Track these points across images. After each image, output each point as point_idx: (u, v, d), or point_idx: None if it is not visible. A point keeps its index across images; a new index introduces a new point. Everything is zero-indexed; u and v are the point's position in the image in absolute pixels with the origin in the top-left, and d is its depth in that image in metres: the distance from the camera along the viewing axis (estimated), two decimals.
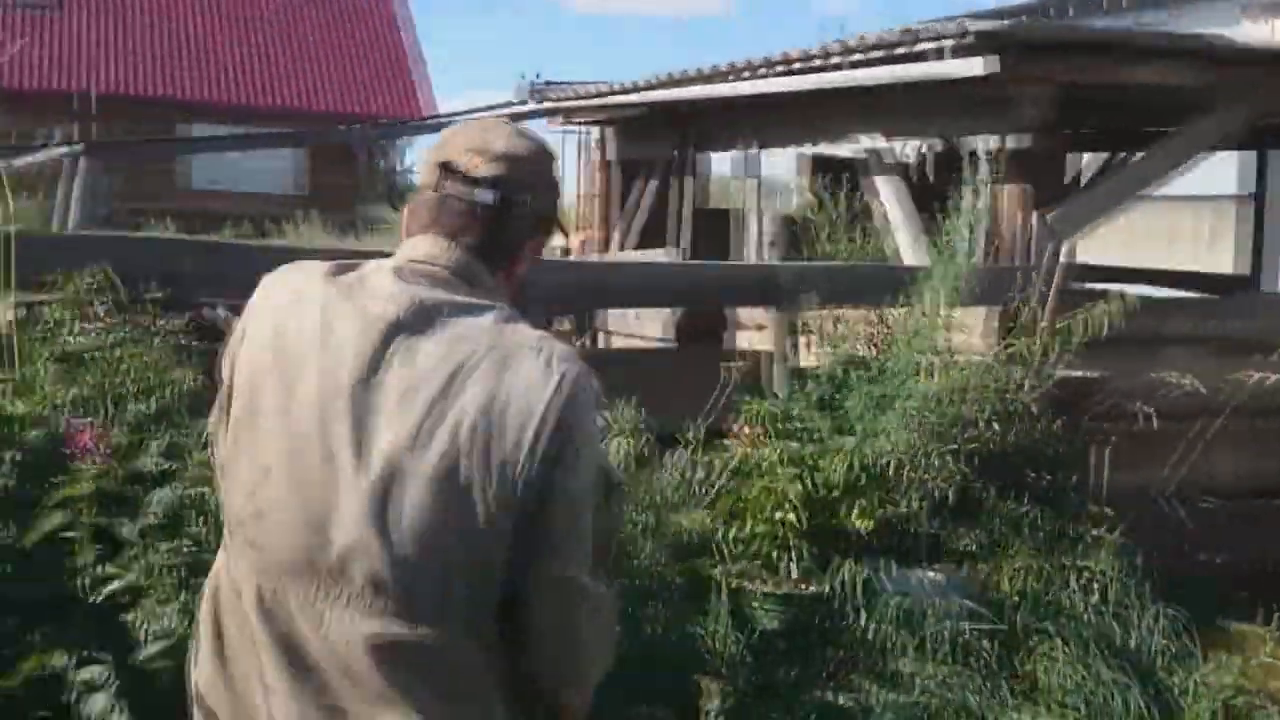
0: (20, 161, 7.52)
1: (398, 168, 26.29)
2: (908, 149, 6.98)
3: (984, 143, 6.43)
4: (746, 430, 4.43)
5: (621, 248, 8.93)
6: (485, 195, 1.68)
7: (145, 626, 2.55)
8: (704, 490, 4.11)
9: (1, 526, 2.69)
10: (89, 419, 2.74)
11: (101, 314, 2.96)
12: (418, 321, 1.59)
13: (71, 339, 2.93)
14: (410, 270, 1.65)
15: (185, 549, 2.56)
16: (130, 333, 2.94)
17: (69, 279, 2.99)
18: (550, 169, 1.79)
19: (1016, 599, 4.36)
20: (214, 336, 5.03)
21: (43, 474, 2.74)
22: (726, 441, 4.45)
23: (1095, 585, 4.38)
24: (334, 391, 1.57)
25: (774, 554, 4.34)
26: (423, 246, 1.68)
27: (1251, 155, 9.34)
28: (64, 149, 7.89)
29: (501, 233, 1.70)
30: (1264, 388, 4.93)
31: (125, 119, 21.26)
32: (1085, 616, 4.26)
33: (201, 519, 2.60)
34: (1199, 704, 4.13)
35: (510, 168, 1.70)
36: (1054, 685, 4.08)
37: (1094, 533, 4.49)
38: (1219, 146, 6.02)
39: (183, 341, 3.12)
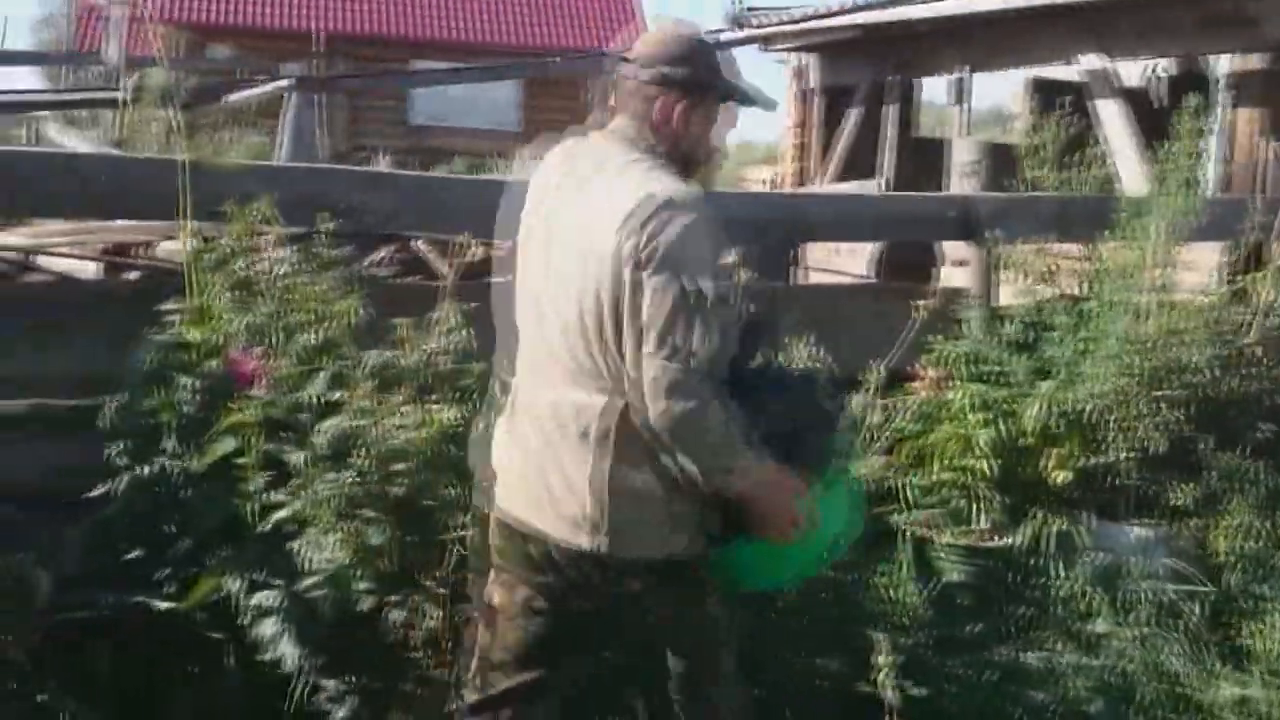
0: (235, 97, 7.87)
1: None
2: (1135, 72, 6.47)
3: (1221, 64, 5.91)
4: (932, 373, 4.21)
5: (825, 179, 8.67)
6: (627, 69, 2.42)
7: (309, 555, 2.62)
8: (881, 435, 3.93)
9: (183, 451, 2.82)
10: (254, 349, 2.83)
11: (269, 244, 3.04)
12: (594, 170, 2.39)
13: (242, 268, 3.03)
14: (599, 137, 2.46)
15: (348, 481, 2.61)
16: (299, 263, 3.01)
17: (241, 211, 3.08)
18: (691, 49, 2.43)
19: (1230, 560, 4.02)
20: (418, 269, 5.18)
21: (219, 400, 2.85)
22: (911, 384, 4.25)
23: None
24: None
25: (961, 504, 4.15)
26: (612, 120, 2.46)
27: None
28: (275, 84, 8.21)
29: (651, 100, 2.39)
30: None
31: (355, 58, 22.12)
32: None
33: (363, 451, 2.64)
34: None
35: (652, 51, 2.42)
36: (1268, 654, 3.76)
37: None
38: None
39: (355, 272, 3.18)
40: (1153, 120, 5.88)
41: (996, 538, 4.14)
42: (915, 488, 4.19)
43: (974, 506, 4.10)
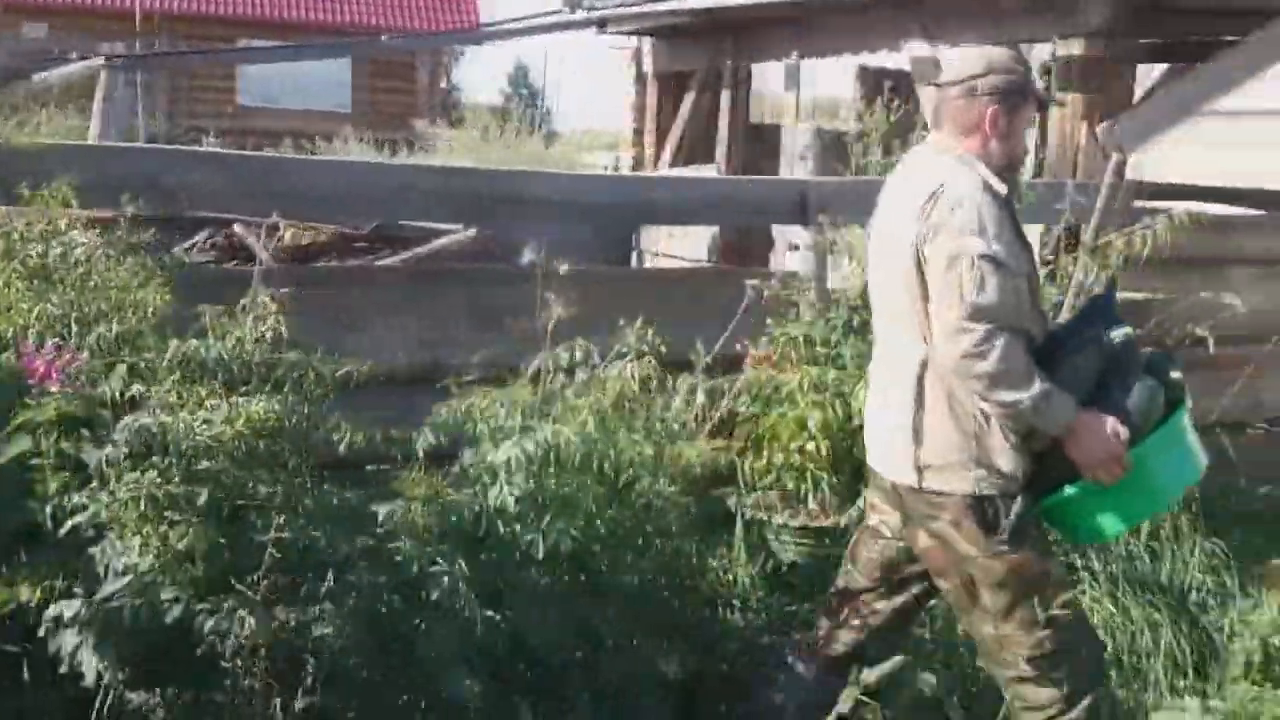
0: (44, 76, 7.44)
1: (446, 84, 26.00)
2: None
3: (1045, 51, 6.09)
4: (764, 355, 4.24)
5: (663, 164, 8.69)
6: (943, 89, 2.90)
7: (110, 561, 2.46)
8: (710, 417, 3.94)
9: None
10: (50, 341, 2.64)
11: (63, 227, 2.84)
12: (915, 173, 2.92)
13: (35, 254, 2.83)
14: (923, 148, 3.01)
15: (151, 481, 2.46)
16: (100, 249, 2.82)
17: (37, 193, 2.87)
18: (990, 62, 2.86)
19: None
20: (246, 256, 4.97)
21: (11, 398, 2.66)
22: (747, 367, 4.28)
23: None
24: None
25: (797, 485, 4.19)
26: (932, 134, 2.97)
27: None
28: (86, 62, 7.79)
29: (953, 112, 2.87)
30: None
31: (180, 37, 21.22)
32: (1117, 551, 4.06)
33: (166, 449, 2.49)
34: (1236, 643, 3.93)
35: (953, 69, 2.90)
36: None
37: None
38: None
39: (162, 258, 3.00)
40: None
41: (829, 517, 4.21)
42: (752, 470, 4.23)
43: (807, 487, 4.16)
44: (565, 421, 3.07)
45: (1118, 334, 2.86)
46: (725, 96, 8.40)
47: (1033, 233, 4.75)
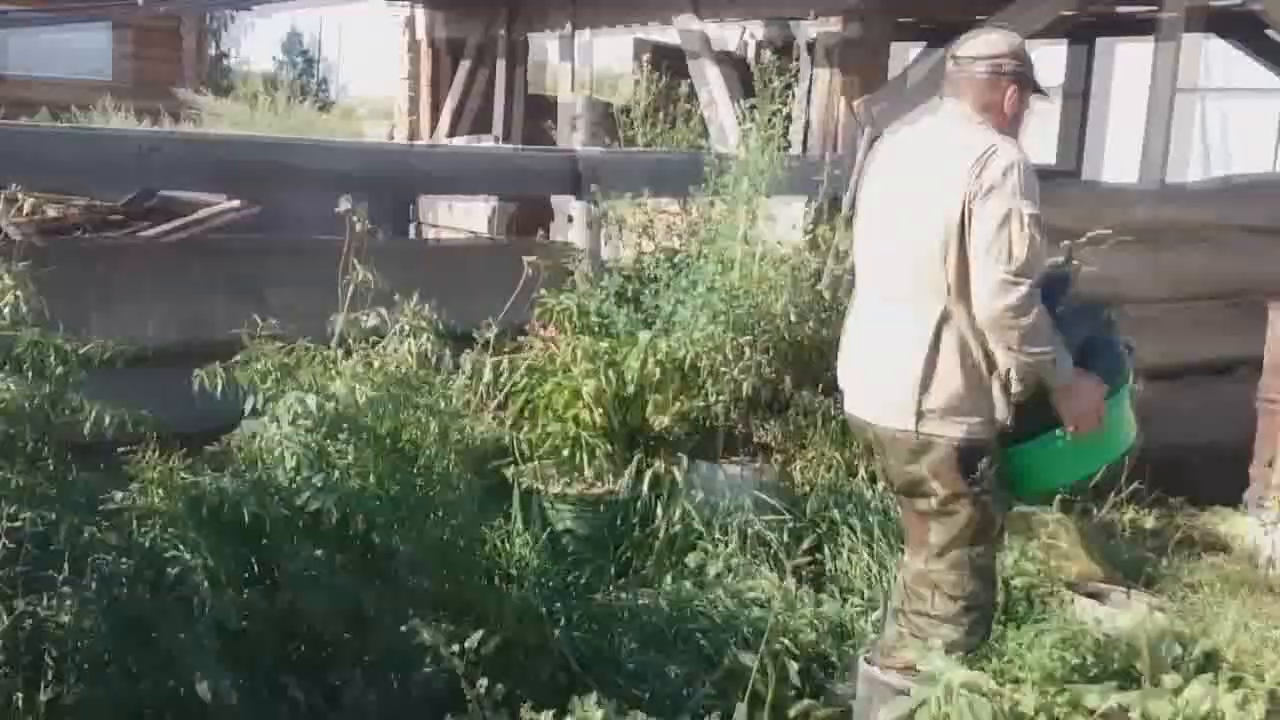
0: None
1: (216, 51, 24.82)
2: (731, 34, 6.82)
3: (809, 30, 6.29)
4: (544, 327, 4.29)
5: (438, 135, 8.59)
6: (964, 64, 3.08)
7: None
8: (495, 391, 3.97)
9: None
10: None
11: None
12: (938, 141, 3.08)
13: None
14: (935, 120, 3.14)
15: None
16: None
17: None
18: (1013, 48, 3.09)
19: (819, 491, 4.37)
20: None
21: None
22: (527, 339, 4.32)
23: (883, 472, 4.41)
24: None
25: (572, 454, 4.26)
26: (947, 101, 3.11)
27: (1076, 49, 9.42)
28: None
29: (978, 86, 3.04)
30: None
31: None
32: (873, 503, 4.29)
33: None
34: None
35: (975, 50, 3.08)
36: (839, 571, 4.13)
37: None
38: (1043, 35, 5.99)
39: None
40: (750, 83, 6.20)
41: (604, 485, 4.30)
42: (528, 440, 4.27)
43: (582, 456, 4.23)
44: (345, 395, 3.03)
45: (1096, 312, 3.22)
46: (502, 67, 8.35)
47: (793, 205, 4.97)
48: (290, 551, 2.92)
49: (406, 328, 3.31)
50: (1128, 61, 6.47)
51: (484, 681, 2.65)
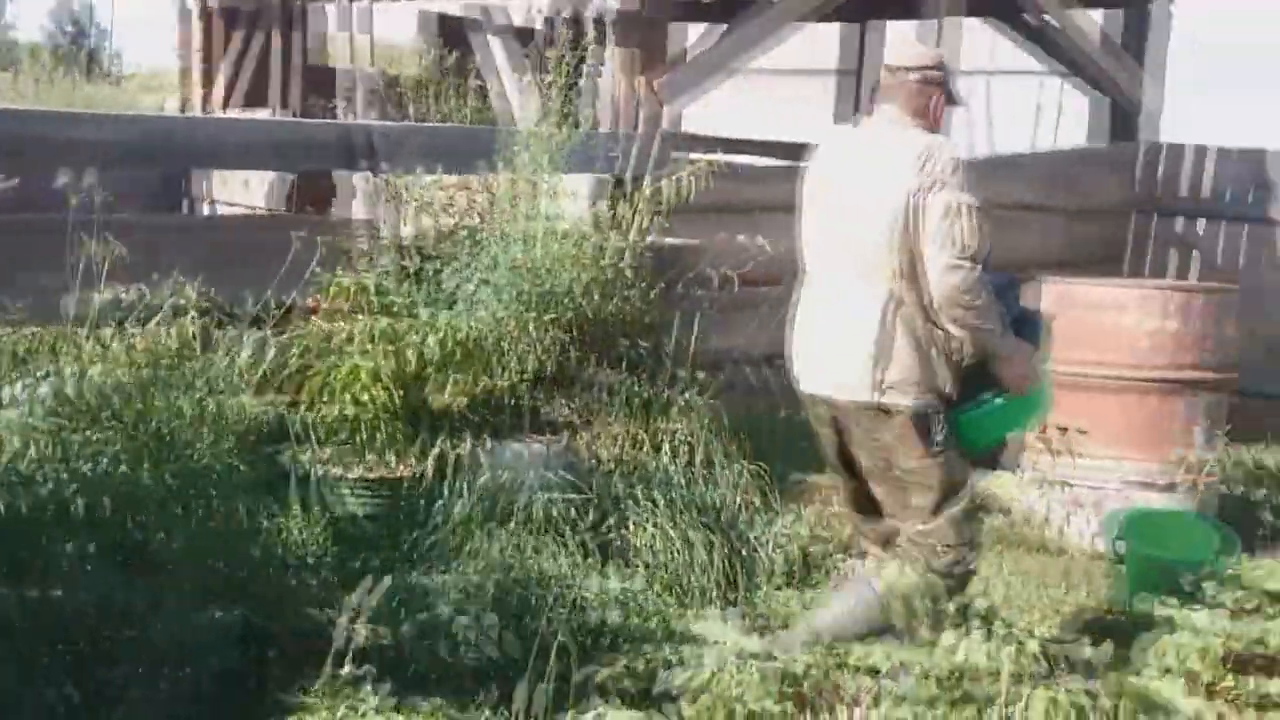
0: None
1: None
2: (517, 9, 6.74)
3: (598, 6, 6.28)
4: (330, 305, 4.14)
5: (216, 106, 8.18)
6: (899, 73, 3.42)
7: None
8: (277, 371, 3.79)
9: None
10: None
11: None
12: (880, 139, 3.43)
13: None
14: (879, 118, 3.46)
15: None
16: None
17: None
18: (938, 59, 3.48)
19: (611, 466, 4.38)
20: None
21: None
22: (310, 317, 4.15)
23: (685, 448, 4.47)
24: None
25: (366, 437, 4.13)
26: (883, 106, 3.44)
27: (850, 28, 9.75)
28: None
29: (909, 93, 3.39)
30: None
31: None
32: (674, 478, 4.33)
33: None
34: (778, 555, 4.33)
35: (908, 62, 3.42)
36: (641, 546, 4.15)
37: (685, 397, 4.56)
38: (811, 17, 6.16)
39: None
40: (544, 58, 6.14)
41: (401, 467, 4.19)
42: (319, 423, 4.12)
43: (378, 438, 4.11)
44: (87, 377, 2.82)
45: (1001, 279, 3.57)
46: (278, 36, 8.02)
47: (583, 181, 4.95)
48: (42, 546, 2.73)
49: (166, 306, 3.13)
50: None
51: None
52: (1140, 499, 4.89)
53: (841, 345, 3.37)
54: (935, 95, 3.43)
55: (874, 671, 2.97)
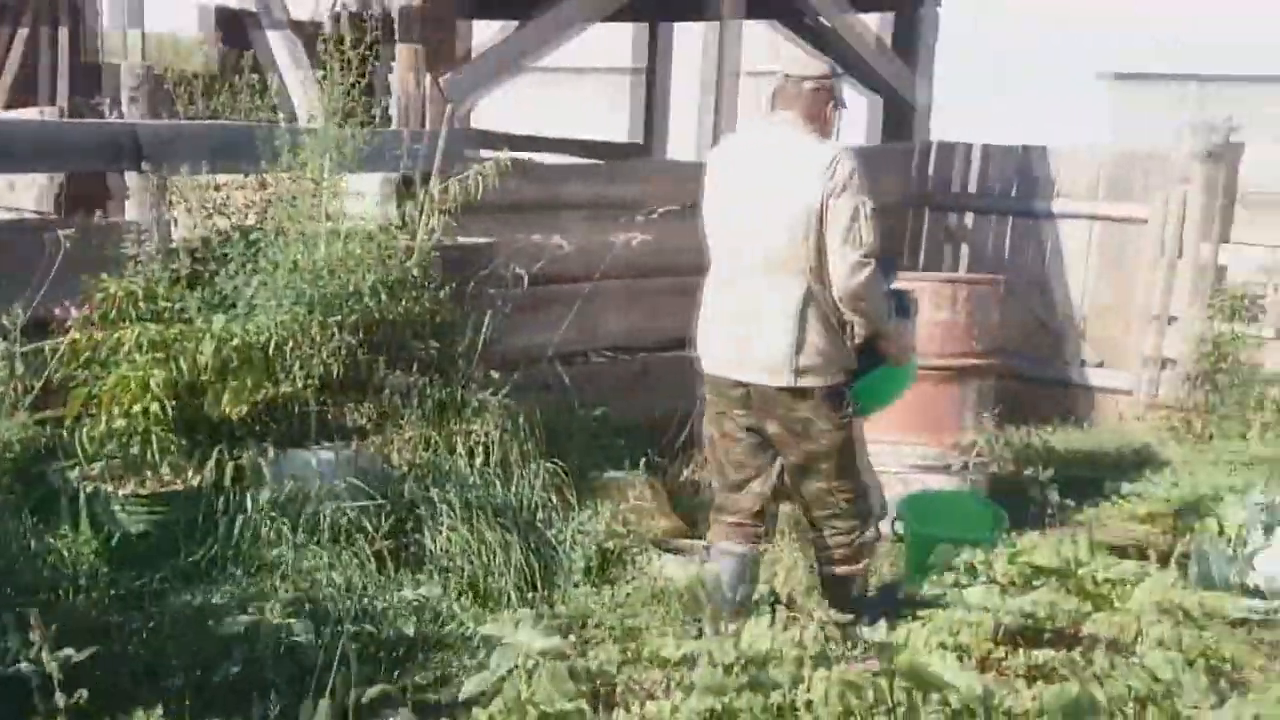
0: None
1: None
2: (297, 3, 6.56)
3: (383, 1, 6.16)
4: (96, 312, 3.92)
5: None
6: (794, 81, 3.77)
7: None
8: (31, 386, 3.58)
9: None
10: None
11: None
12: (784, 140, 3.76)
13: None
14: (771, 122, 3.80)
15: None
16: None
17: None
18: (832, 69, 3.88)
19: (404, 470, 4.31)
20: None
21: None
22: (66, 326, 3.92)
23: (481, 449, 4.43)
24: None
25: (142, 451, 3.94)
26: (783, 113, 3.76)
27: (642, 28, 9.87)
28: None
29: (807, 101, 3.75)
30: (638, 249, 5.20)
31: None
32: (471, 479, 4.30)
33: None
34: (576, 551, 4.34)
35: (805, 71, 3.80)
36: (438, 551, 4.10)
37: (480, 398, 4.52)
38: (598, 17, 6.20)
39: None
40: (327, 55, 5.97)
41: (180, 480, 4.01)
42: (89, 438, 3.91)
43: (153, 451, 3.92)
44: None
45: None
46: (45, 32, 7.57)
47: (369, 181, 4.85)
48: None
49: None
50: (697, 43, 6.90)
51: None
52: (920, 482, 5.12)
53: (761, 335, 3.71)
54: (829, 103, 3.80)
55: (666, 663, 3.01)
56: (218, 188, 4.84)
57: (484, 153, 5.43)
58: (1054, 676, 3.27)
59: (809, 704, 2.85)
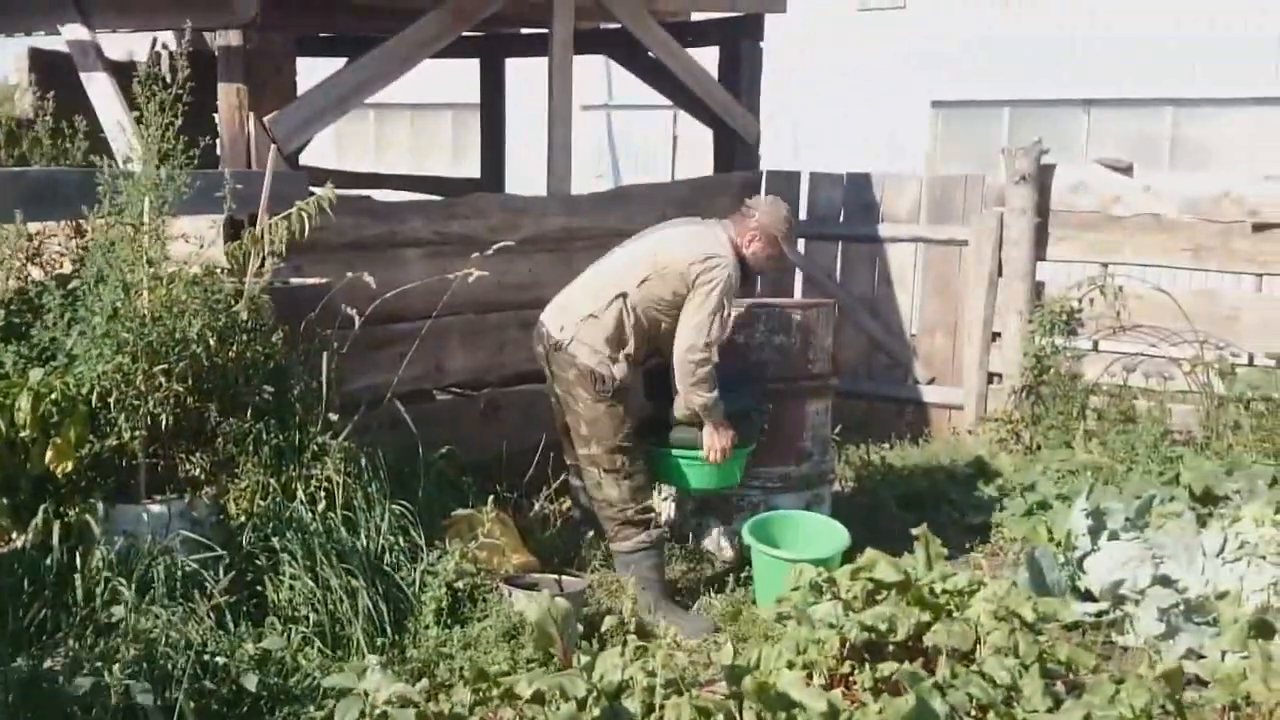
0: None
1: None
2: (113, 44, 6.35)
3: (211, 40, 6.00)
4: None
5: None
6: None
7: None
8: None
9: None
10: None
11: None
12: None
13: None
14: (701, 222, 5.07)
15: None
16: None
17: None
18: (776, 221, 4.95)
19: (244, 519, 4.18)
20: None
21: None
22: None
23: (323, 493, 4.34)
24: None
25: None
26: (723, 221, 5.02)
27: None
28: None
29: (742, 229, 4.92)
30: (478, 284, 5.17)
31: None
32: (314, 526, 4.19)
33: None
34: (426, 593, 4.28)
35: (761, 211, 4.95)
36: (283, 601, 3.99)
37: (320, 440, 4.42)
38: (425, 54, 6.16)
39: None
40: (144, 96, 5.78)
41: (3, 542, 3.82)
42: None
43: None
44: None
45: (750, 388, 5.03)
46: None
47: (193, 223, 4.71)
48: None
49: None
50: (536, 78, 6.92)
51: None
52: (764, 503, 5.21)
53: (573, 308, 4.80)
54: (759, 241, 4.81)
55: (518, 700, 3.00)
56: (30, 237, 4.64)
57: (318, 191, 5.33)
58: (900, 689, 3.36)
59: None
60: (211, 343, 4.23)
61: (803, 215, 7.55)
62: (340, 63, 6.76)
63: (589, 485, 4.86)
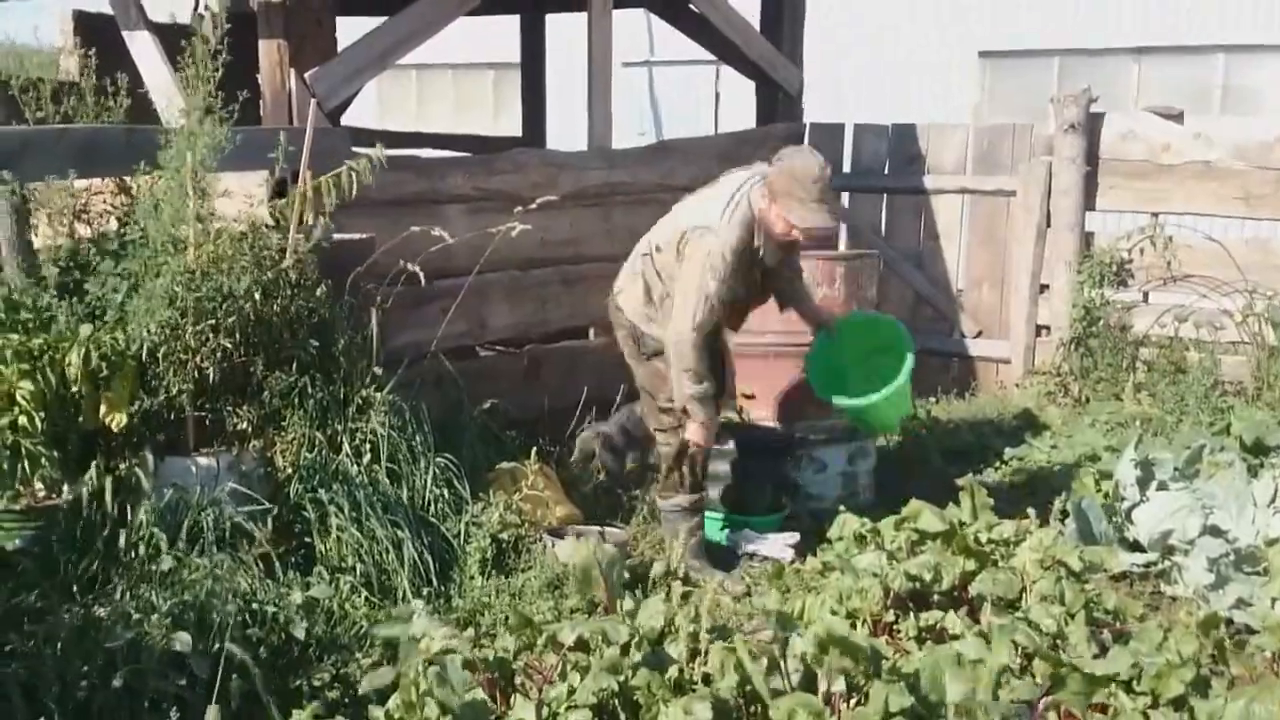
0: None
1: None
2: (155, 3, 6.37)
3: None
4: None
5: None
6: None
7: None
8: None
9: None
10: None
11: None
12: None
13: None
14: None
15: None
16: None
17: None
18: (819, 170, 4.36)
19: (291, 472, 4.23)
20: None
21: None
22: None
23: (368, 446, 4.37)
24: None
25: (13, 466, 3.79)
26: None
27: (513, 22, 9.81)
28: None
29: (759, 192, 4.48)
30: (520, 240, 5.16)
31: None
32: (360, 478, 4.23)
33: None
34: (471, 544, 4.31)
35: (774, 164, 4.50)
36: (330, 552, 4.04)
37: (365, 394, 4.45)
38: (463, 10, 6.12)
39: None
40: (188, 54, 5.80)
41: (55, 495, 3.88)
42: None
43: (24, 465, 3.78)
44: None
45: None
46: None
47: (251, 179, 4.74)
48: None
49: None
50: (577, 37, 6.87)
51: None
52: (810, 455, 5.19)
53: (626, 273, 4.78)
54: (770, 202, 4.28)
55: (561, 647, 3.02)
56: (75, 195, 4.69)
57: (364, 150, 5.34)
58: (944, 637, 3.36)
59: (706, 677, 2.89)
60: (258, 298, 4.26)
61: (846, 167, 7.47)
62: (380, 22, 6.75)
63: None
